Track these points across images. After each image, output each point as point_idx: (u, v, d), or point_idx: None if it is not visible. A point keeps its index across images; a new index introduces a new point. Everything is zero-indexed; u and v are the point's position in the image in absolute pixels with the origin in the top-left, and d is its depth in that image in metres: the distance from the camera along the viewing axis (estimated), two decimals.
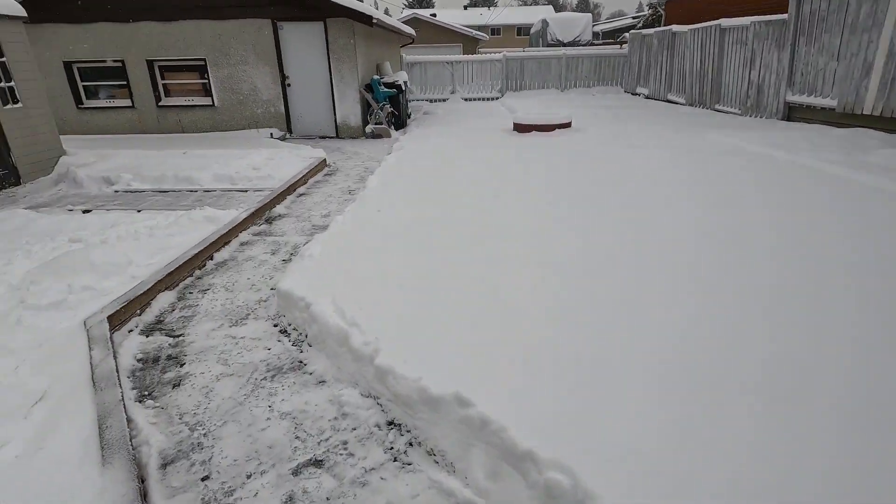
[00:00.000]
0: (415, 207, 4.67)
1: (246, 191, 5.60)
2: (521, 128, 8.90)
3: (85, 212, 4.87)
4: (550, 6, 47.13)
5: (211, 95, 9.55)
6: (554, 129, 8.90)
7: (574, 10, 62.29)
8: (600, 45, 27.33)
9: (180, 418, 2.19)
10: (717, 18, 10.29)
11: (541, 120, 8.95)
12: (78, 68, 9.46)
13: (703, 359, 2.18)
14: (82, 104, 9.66)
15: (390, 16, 19.26)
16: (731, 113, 10.05)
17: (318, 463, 1.91)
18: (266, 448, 2.00)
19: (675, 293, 2.82)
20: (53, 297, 2.95)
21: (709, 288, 2.86)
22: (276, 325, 2.96)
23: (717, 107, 10.58)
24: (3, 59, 5.85)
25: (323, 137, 9.77)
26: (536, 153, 7.08)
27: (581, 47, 22.33)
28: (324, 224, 4.73)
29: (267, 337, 2.84)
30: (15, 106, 5.99)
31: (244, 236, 4.46)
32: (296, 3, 8.73)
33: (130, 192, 5.65)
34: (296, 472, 1.88)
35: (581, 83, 17.41)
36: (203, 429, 2.12)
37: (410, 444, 1.98)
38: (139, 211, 4.87)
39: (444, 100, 17.60)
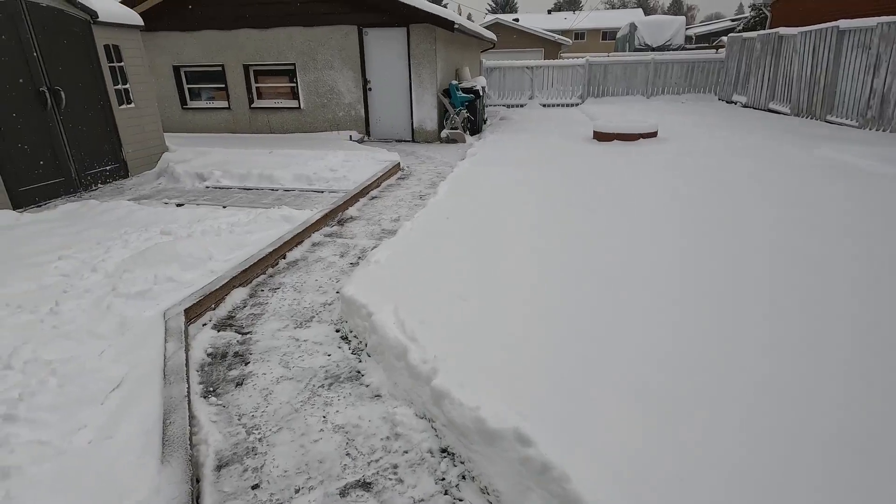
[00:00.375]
0: (484, 216, 4.54)
1: (322, 192, 5.76)
2: (601, 136, 8.49)
3: (178, 205, 5.24)
4: (640, 9, 45.07)
5: (298, 98, 10.03)
6: (637, 139, 8.39)
7: (665, 13, 59.20)
8: (693, 49, 25.66)
9: (239, 419, 2.22)
10: (834, 20, 9.20)
11: (623, 128, 8.47)
12: (185, 72, 10.33)
13: (807, 411, 1.85)
14: (186, 105, 10.53)
15: (472, 21, 19.33)
16: (845, 125, 8.94)
17: (366, 486, 1.83)
18: (316, 462, 1.95)
19: (774, 331, 2.46)
20: (140, 286, 3.14)
21: (816, 328, 2.47)
22: (337, 331, 2.96)
23: (828, 118, 9.46)
24: (122, 63, 6.48)
25: (399, 141, 9.92)
26: (617, 164, 6.69)
27: (671, 52, 21.07)
28: (393, 229, 4.73)
29: (328, 342, 2.84)
30: (128, 106, 6.61)
31: (316, 237, 4.56)
32: (382, 9, 8.93)
33: (219, 188, 6.02)
34: (343, 492, 1.81)
35: (670, 90, 16.43)
36: (259, 433, 2.13)
37: (463, 478, 1.85)
38: (224, 207, 5.15)
39: (521, 105, 17.34)
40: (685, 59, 16.28)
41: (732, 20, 30.37)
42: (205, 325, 3.06)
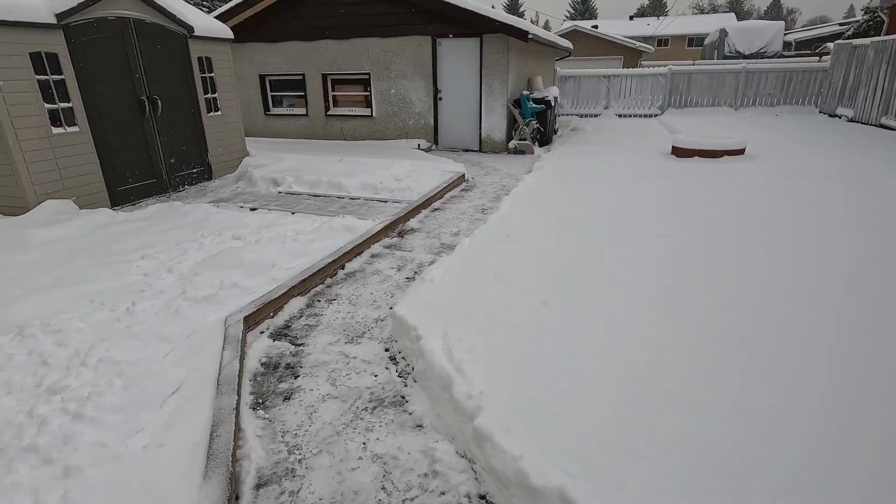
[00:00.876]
0: (547, 236, 4.36)
1: (386, 201, 5.83)
2: (680, 151, 7.95)
3: (252, 209, 5.51)
4: (732, 14, 42.25)
5: (370, 107, 10.31)
6: (721, 156, 7.78)
7: (761, 18, 55.06)
8: (792, 56, 23.60)
9: (282, 436, 2.23)
10: None
11: (706, 143, 7.89)
12: (269, 80, 10.97)
13: None
14: (269, 111, 11.17)
15: (549, 28, 18.98)
16: None
17: None
18: (351, 493, 1.91)
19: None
20: (207, 290, 3.30)
21: None
22: (387, 350, 2.93)
23: None
24: (212, 74, 6.96)
25: (466, 150, 9.90)
26: (696, 184, 6.21)
27: (766, 60, 19.50)
28: (451, 244, 4.67)
29: (376, 361, 2.81)
30: (216, 114, 7.08)
31: (376, 248, 4.60)
32: (456, 20, 8.97)
33: (290, 193, 6.27)
34: None
35: (762, 101, 15.19)
36: (299, 453, 2.13)
37: None
38: (292, 213, 5.35)
39: (595, 115, 16.79)
40: (782, 67, 14.97)
41: (841, 24, 27.62)
42: (262, 332, 3.16)
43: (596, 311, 2.93)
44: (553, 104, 10.15)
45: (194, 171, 6.76)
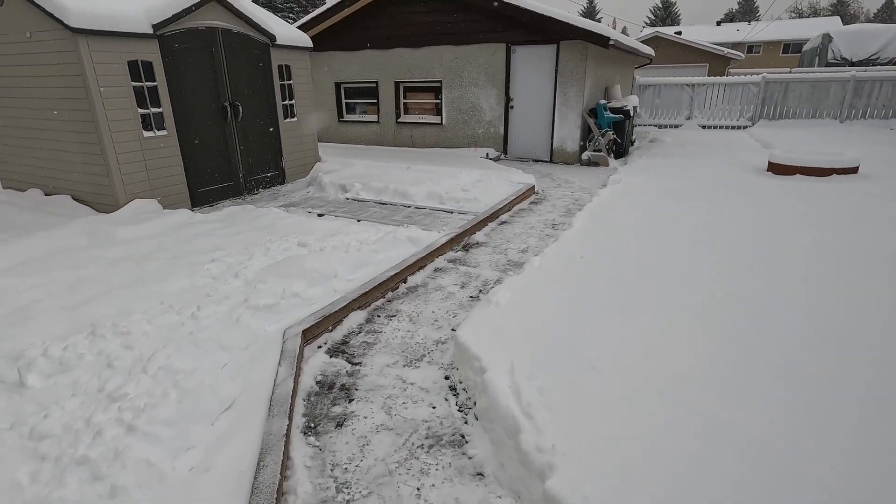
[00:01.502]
0: (625, 258, 3.97)
1: (451, 212, 5.65)
2: (779, 168, 7.15)
3: (319, 215, 5.54)
4: (837, 17, 38.59)
5: (440, 114, 10.24)
6: (829, 174, 6.90)
7: (870, 21, 49.85)
8: None
9: (332, 470, 2.07)
10: None
11: (810, 160, 7.03)
12: (344, 87, 11.24)
13: None
14: (343, 118, 11.44)
15: (628, 35, 18.14)
16: None
17: None
18: None
19: None
20: (269, 299, 3.25)
21: None
22: (446, 378, 2.71)
23: None
24: (290, 81, 7.15)
25: (536, 161, 9.56)
26: (800, 206, 5.50)
27: (879, 67, 17.48)
28: (519, 261, 4.39)
29: (435, 391, 2.60)
30: (292, 120, 7.27)
31: (439, 261, 4.42)
32: (532, 27, 8.69)
33: (357, 200, 6.27)
34: None
35: (874, 114, 13.59)
36: (348, 493, 1.95)
37: None
38: (358, 221, 5.30)
39: (676, 126, 15.79)
40: None
41: None
42: (320, 347, 3.05)
43: (695, 358, 2.54)
44: (632, 114, 9.57)
45: (269, 174, 6.96)
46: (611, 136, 8.89)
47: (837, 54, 21.72)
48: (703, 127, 15.58)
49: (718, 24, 40.78)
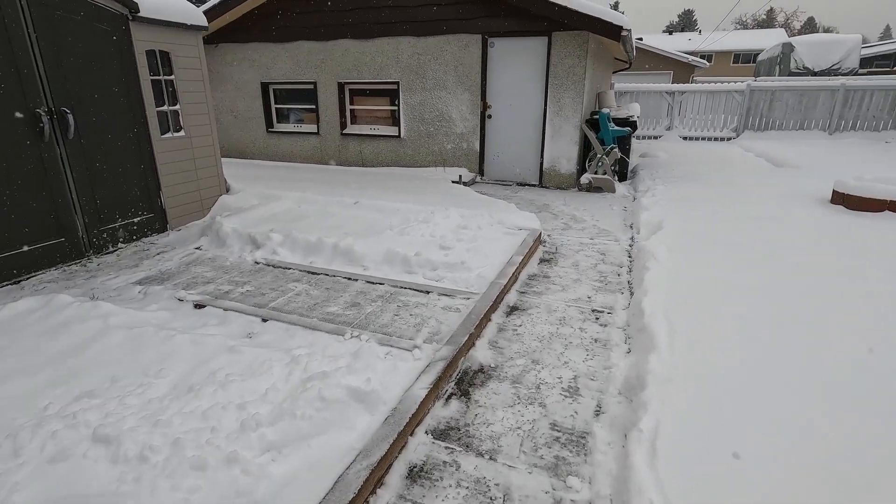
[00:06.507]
0: (780, 405, 1.92)
1: (428, 292, 3.45)
2: (853, 201, 5.42)
3: (196, 306, 3.19)
4: (782, 29, 39.57)
5: (398, 125, 8.03)
6: None
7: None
8: (867, 73, 20.82)
9: None
10: None
11: None
12: (273, 90, 8.80)
13: None
14: (272, 128, 8.99)
15: None
16: None
17: None
18: None
19: None
20: None
21: None
22: None
23: None
24: (171, 77, 4.74)
25: (521, 184, 7.53)
26: None
27: (865, 76, 16.83)
28: (571, 427, 2.25)
29: None
30: (176, 135, 4.87)
31: (414, 445, 2.18)
32: (517, 12, 6.68)
33: (273, 266, 3.95)
34: None
35: (864, 125, 12.64)
36: None
37: None
38: (264, 321, 3.00)
39: (656, 137, 14.41)
40: (892, 84, 12.38)
41: None
42: None
43: None
44: (636, 126, 7.76)
45: (136, 219, 4.50)
46: (618, 154, 6.97)
47: (800, 63, 21.36)
48: (685, 138, 14.25)
49: (670, 33, 40.89)
